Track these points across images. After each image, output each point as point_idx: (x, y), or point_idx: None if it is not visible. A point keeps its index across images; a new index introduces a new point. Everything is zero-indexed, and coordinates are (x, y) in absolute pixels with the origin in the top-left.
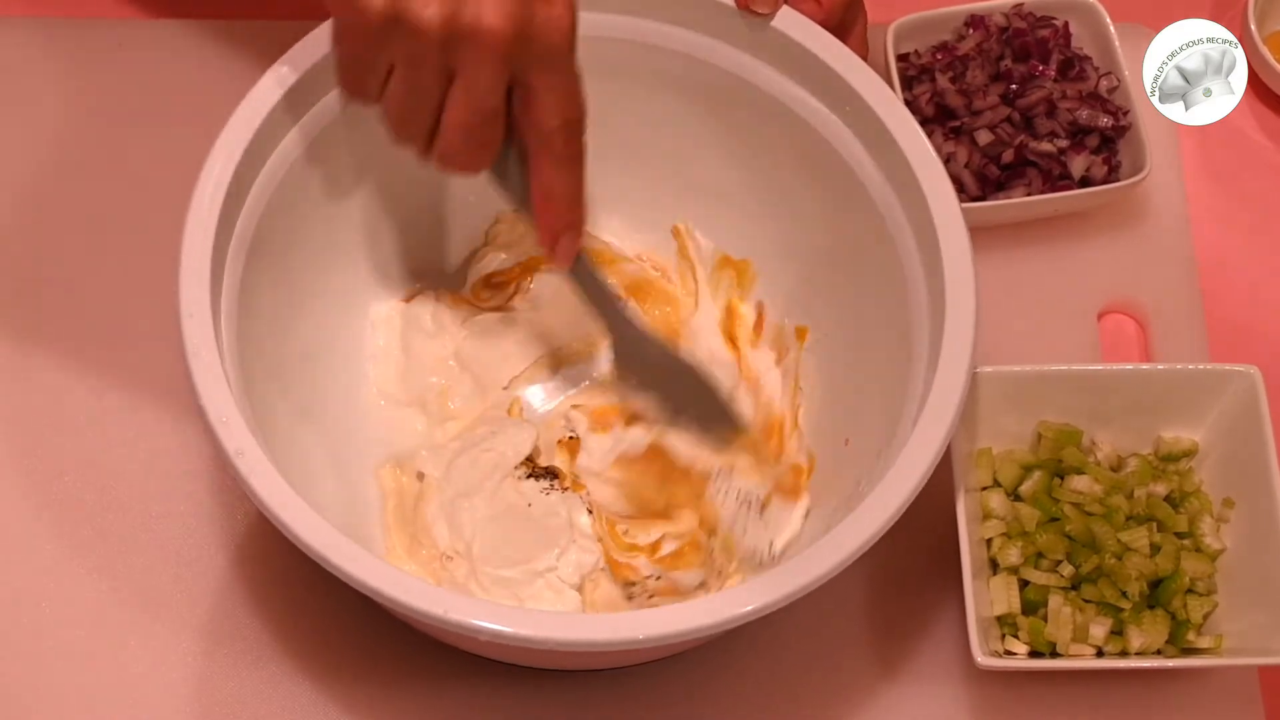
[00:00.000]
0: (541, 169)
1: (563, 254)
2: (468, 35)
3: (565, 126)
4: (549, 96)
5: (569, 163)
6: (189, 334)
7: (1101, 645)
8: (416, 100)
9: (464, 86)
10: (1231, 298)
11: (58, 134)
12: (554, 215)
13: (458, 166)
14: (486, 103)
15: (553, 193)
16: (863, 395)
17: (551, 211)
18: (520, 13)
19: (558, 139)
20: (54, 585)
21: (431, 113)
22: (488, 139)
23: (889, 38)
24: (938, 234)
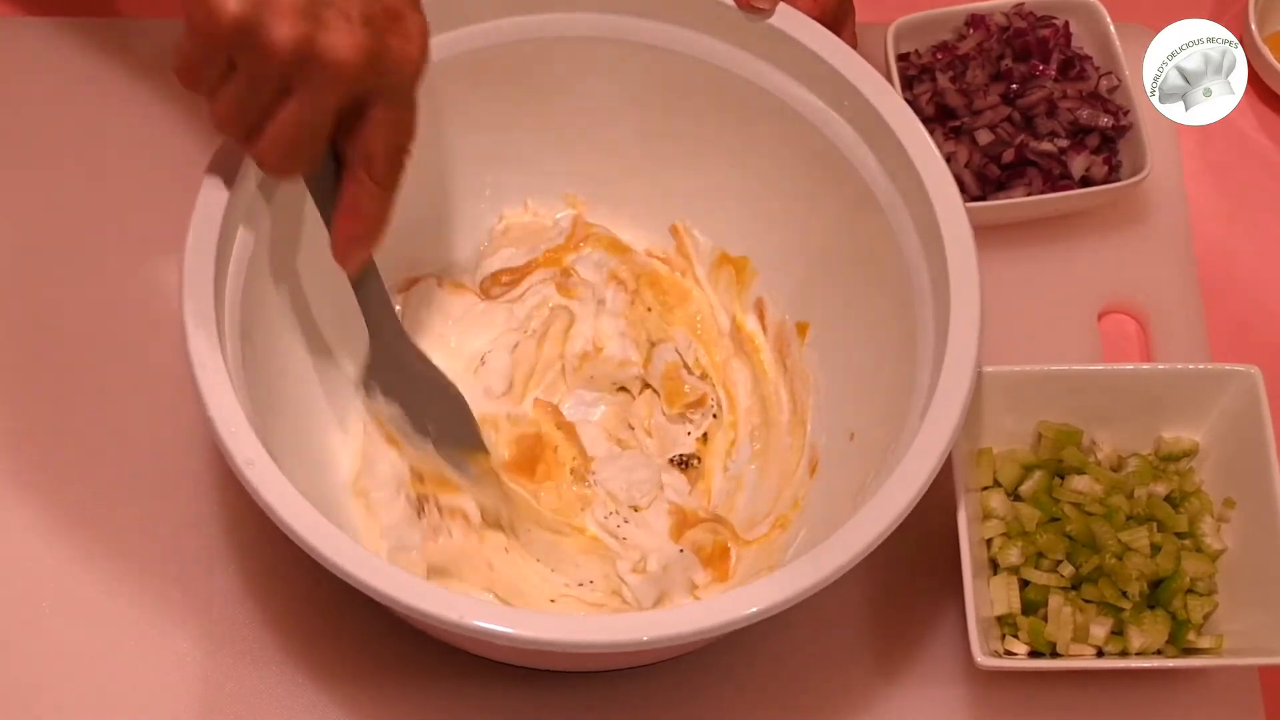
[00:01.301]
0: (356, 186)
1: (351, 261)
2: (316, 62)
3: (389, 153)
4: (383, 124)
5: (384, 186)
6: (194, 345)
7: (1102, 645)
8: (246, 106)
9: (298, 104)
10: (1232, 298)
11: (58, 133)
12: (353, 226)
13: (272, 171)
14: (316, 123)
15: (359, 209)
16: (867, 391)
17: (353, 225)
18: (373, 45)
19: (379, 163)
20: (55, 586)
21: (257, 117)
22: (309, 154)
23: (889, 37)
24: (941, 229)
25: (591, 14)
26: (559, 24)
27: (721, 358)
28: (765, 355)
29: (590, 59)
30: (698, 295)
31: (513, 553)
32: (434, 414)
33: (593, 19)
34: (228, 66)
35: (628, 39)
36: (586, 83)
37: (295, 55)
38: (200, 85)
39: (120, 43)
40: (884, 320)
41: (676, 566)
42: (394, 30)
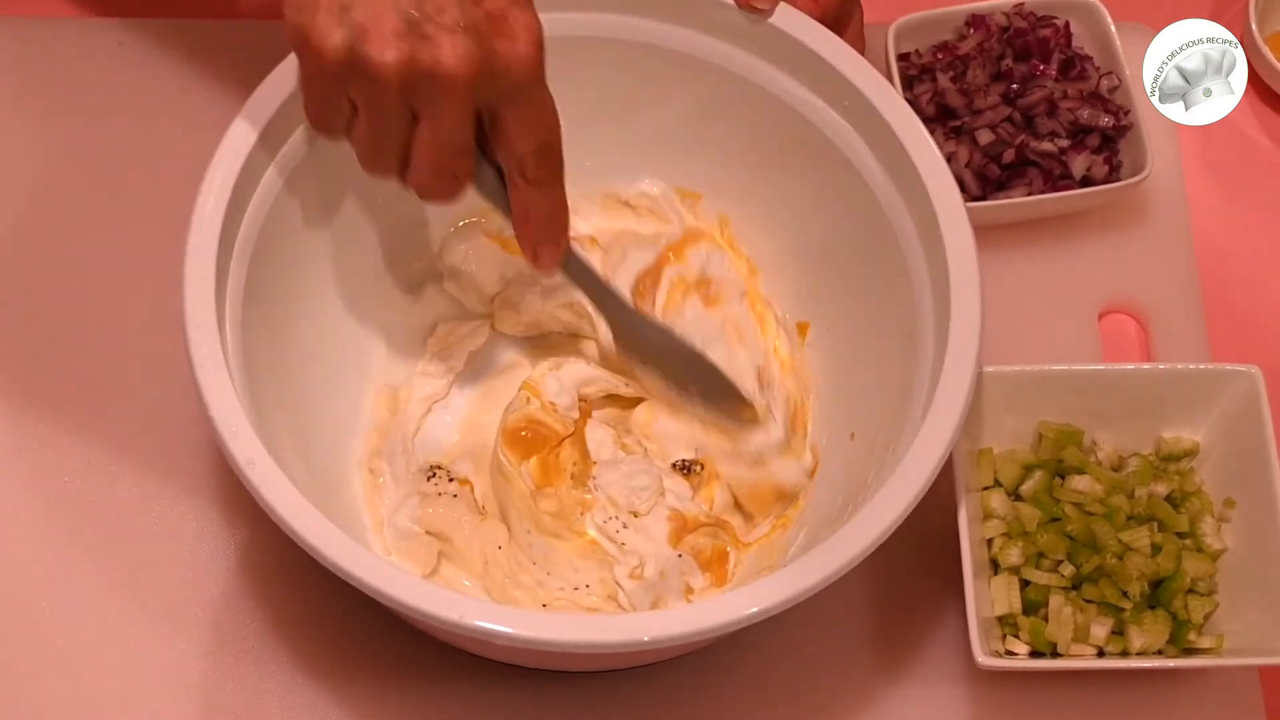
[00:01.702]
0: (517, 191)
1: (545, 263)
2: (427, 78)
3: (537, 151)
4: (518, 126)
5: (543, 184)
6: (195, 345)
7: (1102, 645)
8: (381, 139)
9: (429, 126)
10: (1232, 297)
11: (58, 133)
12: (532, 231)
13: (432, 198)
14: (453, 141)
15: (529, 213)
16: (867, 391)
17: (530, 228)
18: (479, 53)
19: (530, 164)
20: (56, 586)
21: (399, 149)
22: (458, 172)
23: (890, 37)
24: (941, 229)
25: (591, 14)
26: (558, 24)
27: None
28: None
29: (589, 59)
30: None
31: (508, 550)
32: (691, 374)
33: (592, 19)
34: (350, 106)
35: (627, 39)
36: (583, 83)
37: (404, 76)
38: (332, 128)
39: (122, 42)
40: (884, 320)
41: (673, 571)
42: (499, 32)
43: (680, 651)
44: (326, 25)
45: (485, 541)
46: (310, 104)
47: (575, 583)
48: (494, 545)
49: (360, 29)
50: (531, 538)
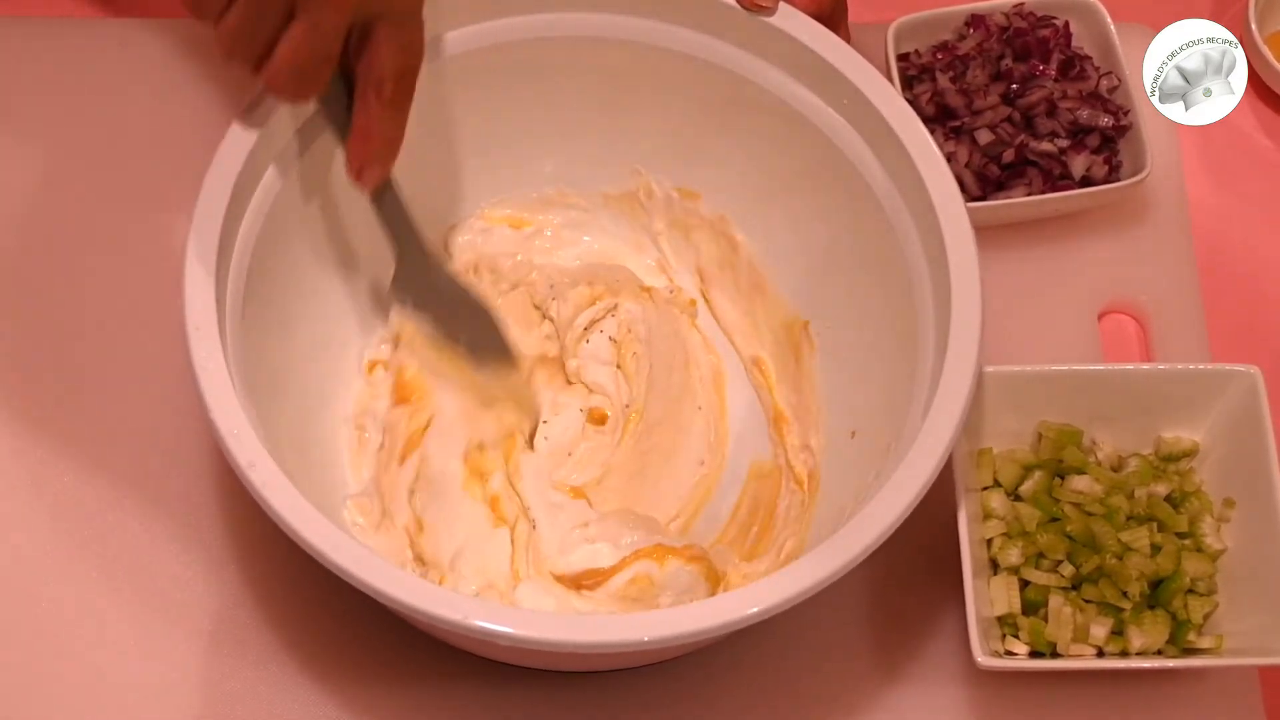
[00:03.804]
0: (367, 109)
1: (367, 181)
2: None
3: (399, 74)
4: (389, 46)
5: (395, 107)
6: (196, 348)
7: (1102, 645)
8: (253, 29)
9: (305, 26)
10: (1232, 297)
11: (57, 134)
12: (368, 150)
13: (281, 95)
14: (323, 46)
15: (371, 131)
16: (867, 389)
17: (365, 145)
18: None
19: (389, 85)
20: (56, 586)
21: (265, 43)
22: (317, 76)
23: (889, 37)
24: (941, 228)
25: (591, 14)
26: (557, 24)
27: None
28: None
29: (590, 59)
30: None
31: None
32: (464, 325)
33: (592, 19)
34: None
35: (627, 39)
36: (583, 82)
37: None
38: (207, 10)
39: (123, 42)
40: (884, 319)
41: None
42: None
43: (680, 651)
44: None
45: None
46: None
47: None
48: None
49: None
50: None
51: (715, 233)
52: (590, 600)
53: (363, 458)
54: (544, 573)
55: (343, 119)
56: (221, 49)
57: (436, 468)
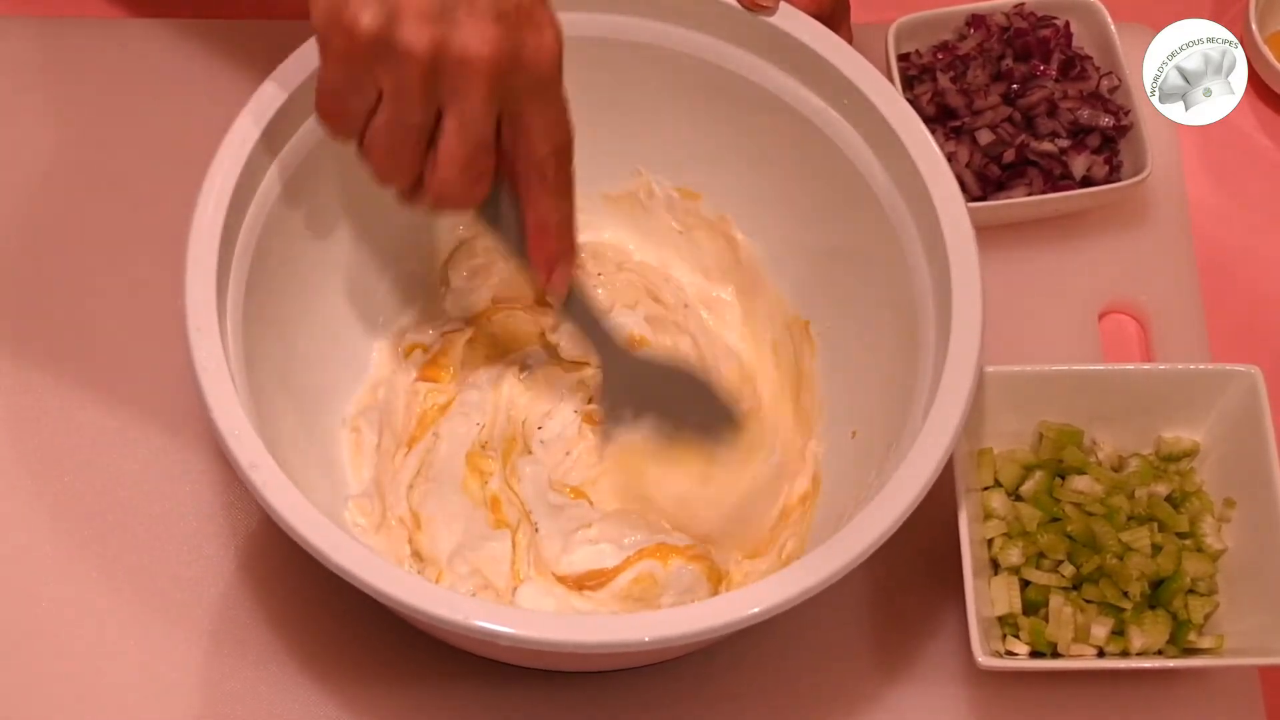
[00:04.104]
0: (534, 199)
1: (558, 283)
2: (456, 61)
3: (556, 153)
4: (539, 124)
5: (560, 190)
6: (197, 349)
7: (1102, 645)
8: (404, 133)
9: (456, 115)
10: (1232, 298)
11: (57, 134)
12: (549, 245)
13: (452, 202)
14: (480, 131)
15: (547, 222)
16: (869, 389)
17: (547, 241)
18: (509, 40)
19: (549, 166)
20: (56, 585)
21: (419, 146)
22: (482, 169)
23: (890, 37)
24: (942, 228)
25: (590, 14)
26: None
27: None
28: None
29: (590, 59)
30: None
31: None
32: (688, 405)
33: (592, 19)
34: (374, 95)
35: (627, 39)
36: (584, 83)
37: (432, 57)
38: (348, 120)
39: (125, 42)
40: (885, 318)
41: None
42: (526, 24)
43: (681, 652)
44: (360, 3)
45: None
46: (329, 90)
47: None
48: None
49: (394, 8)
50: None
51: (716, 232)
52: (592, 600)
53: (363, 458)
54: (546, 574)
55: (507, 225)
56: (376, 168)
57: (440, 461)
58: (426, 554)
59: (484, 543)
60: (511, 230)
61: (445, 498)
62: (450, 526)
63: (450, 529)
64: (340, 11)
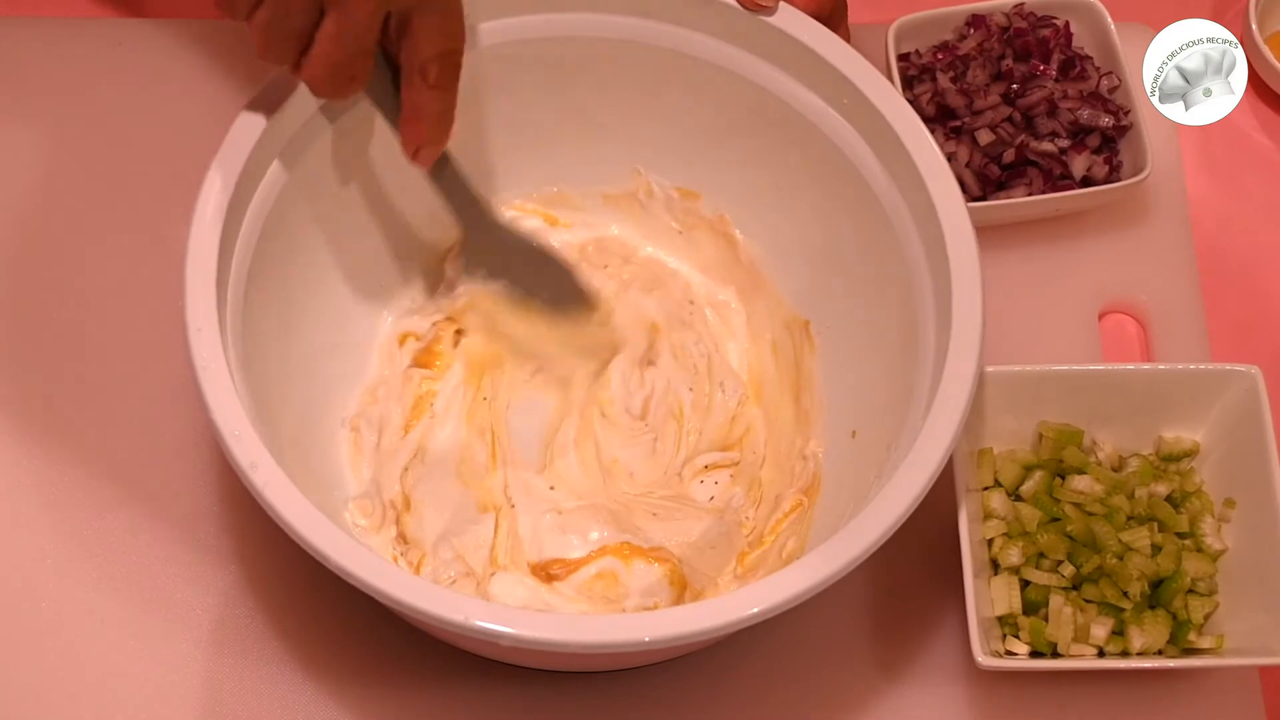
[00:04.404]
0: (413, 93)
1: (424, 160)
2: None
3: (441, 57)
4: (428, 29)
5: (441, 89)
6: (197, 349)
7: (1102, 645)
8: (284, 27)
9: (336, 20)
10: (1232, 297)
11: (57, 134)
12: (419, 131)
13: (324, 94)
14: (359, 40)
15: (421, 113)
16: (869, 389)
17: (417, 128)
18: None
19: (432, 69)
20: (57, 585)
21: (299, 40)
22: (357, 73)
23: (890, 37)
24: (942, 228)
25: (589, 15)
26: (555, 25)
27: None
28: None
29: (590, 59)
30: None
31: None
32: (543, 281)
33: (590, 19)
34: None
35: (628, 39)
36: (584, 83)
37: None
38: (236, 9)
39: (121, 42)
40: (885, 318)
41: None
42: None
43: (681, 652)
44: None
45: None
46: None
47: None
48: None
49: None
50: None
51: (715, 232)
52: (559, 594)
53: (362, 458)
54: (520, 562)
55: (391, 104)
56: (256, 48)
57: (436, 445)
58: (411, 537)
59: (469, 527)
60: (392, 106)
61: (438, 481)
62: (439, 510)
63: (439, 512)
64: None
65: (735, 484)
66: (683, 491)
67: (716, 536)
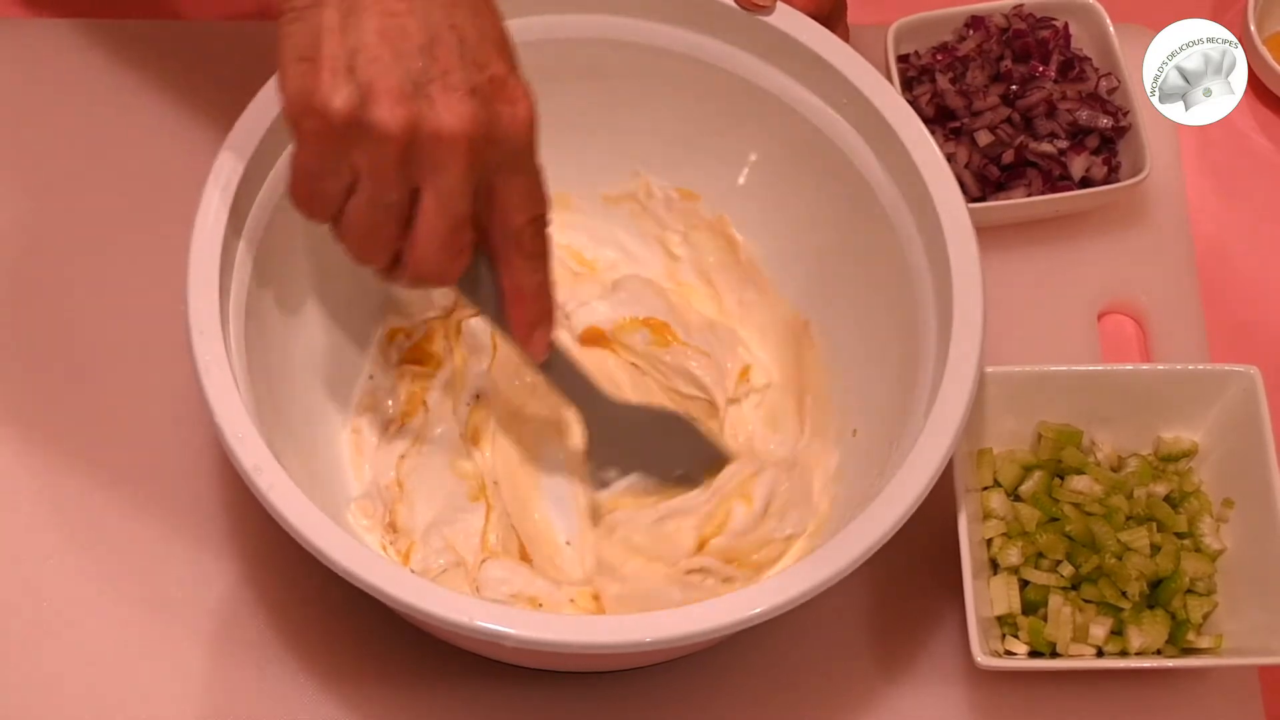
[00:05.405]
0: (512, 267)
1: (538, 347)
2: (432, 140)
3: (532, 223)
4: (515, 196)
5: (537, 258)
6: (200, 351)
7: (1101, 645)
8: (382, 214)
9: (433, 194)
10: (1231, 298)
11: (58, 134)
12: (528, 311)
13: (432, 279)
14: (458, 208)
15: (524, 289)
16: (869, 388)
17: (525, 307)
18: (483, 114)
19: (526, 236)
20: (58, 586)
21: (398, 226)
22: (462, 245)
23: (889, 38)
24: (943, 228)
25: (589, 15)
26: (554, 26)
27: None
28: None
29: (590, 60)
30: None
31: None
32: (673, 457)
33: (590, 20)
34: (349, 177)
35: (628, 39)
36: (584, 83)
37: (407, 134)
38: (325, 203)
39: (121, 43)
40: (885, 318)
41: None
42: (500, 97)
43: (682, 652)
44: (332, 82)
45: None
46: (304, 174)
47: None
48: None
49: (367, 89)
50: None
51: (715, 233)
52: (544, 576)
53: (364, 458)
54: (511, 550)
55: (486, 294)
56: (353, 250)
57: (433, 436)
58: (402, 526)
59: (460, 515)
60: (490, 297)
61: (433, 471)
62: (431, 499)
63: (431, 501)
64: (311, 95)
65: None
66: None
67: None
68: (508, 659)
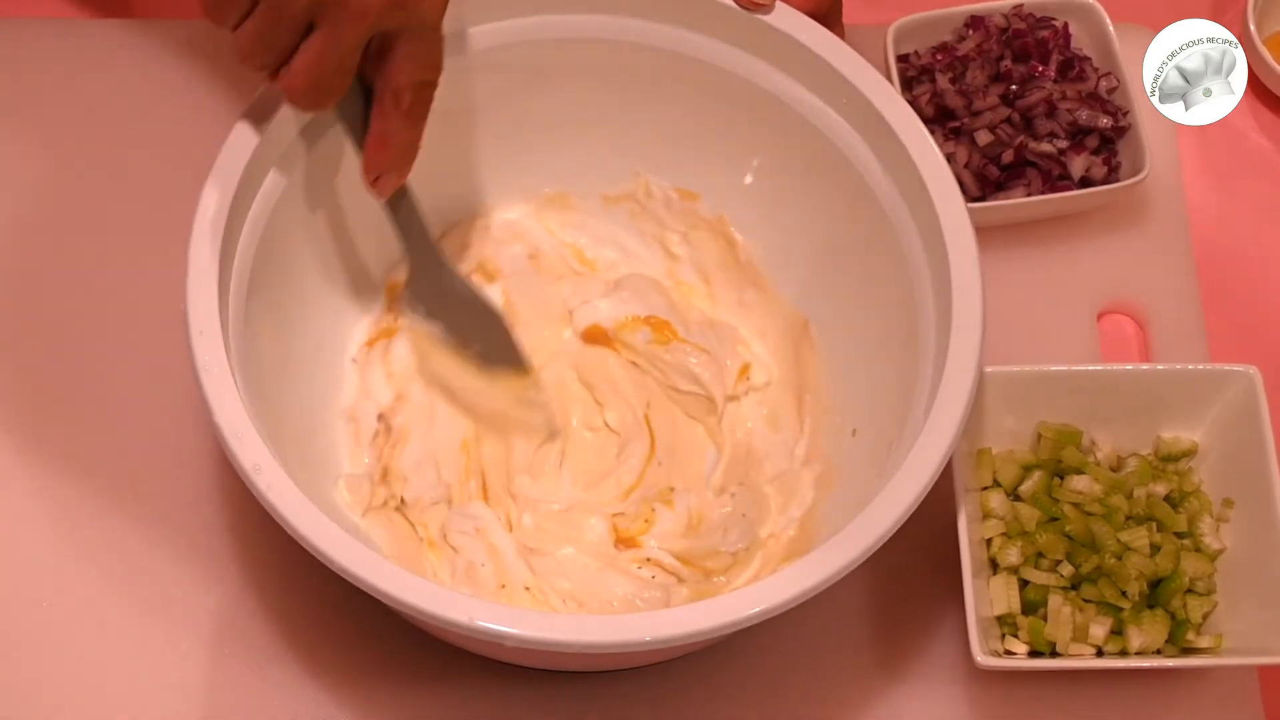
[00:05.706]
0: (384, 117)
1: (383, 189)
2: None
3: (415, 86)
4: (410, 59)
5: (412, 117)
6: (199, 352)
7: (1101, 645)
8: (271, 37)
9: (323, 39)
10: (1231, 298)
11: (59, 134)
12: (383, 157)
13: (299, 104)
14: (341, 59)
15: (389, 139)
16: (869, 388)
17: (382, 154)
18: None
19: (407, 95)
20: (58, 587)
21: (283, 51)
22: (335, 87)
23: (889, 38)
24: (942, 228)
25: (588, 15)
26: (554, 26)
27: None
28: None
29: (590, 60)
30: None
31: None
32: (477, 333)
33: (589, 20)
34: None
35: (628, 39)
36: (583, 83)
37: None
38: (225, 17)
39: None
40: (885, 318)
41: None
42: None
43: (681, 651)
44: None
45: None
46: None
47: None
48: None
49: None
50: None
51: (715, 233)
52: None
53: (361, 449)
54: (500, 496)
55: (359, 126)
56: (239, 55)
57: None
58: (393, 468)
59: (452, 455)
60: (359, 128)
61: (431, 423)
62: (428, 438)
63: (427, 441)
64: None
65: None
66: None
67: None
68: (508, 659)
